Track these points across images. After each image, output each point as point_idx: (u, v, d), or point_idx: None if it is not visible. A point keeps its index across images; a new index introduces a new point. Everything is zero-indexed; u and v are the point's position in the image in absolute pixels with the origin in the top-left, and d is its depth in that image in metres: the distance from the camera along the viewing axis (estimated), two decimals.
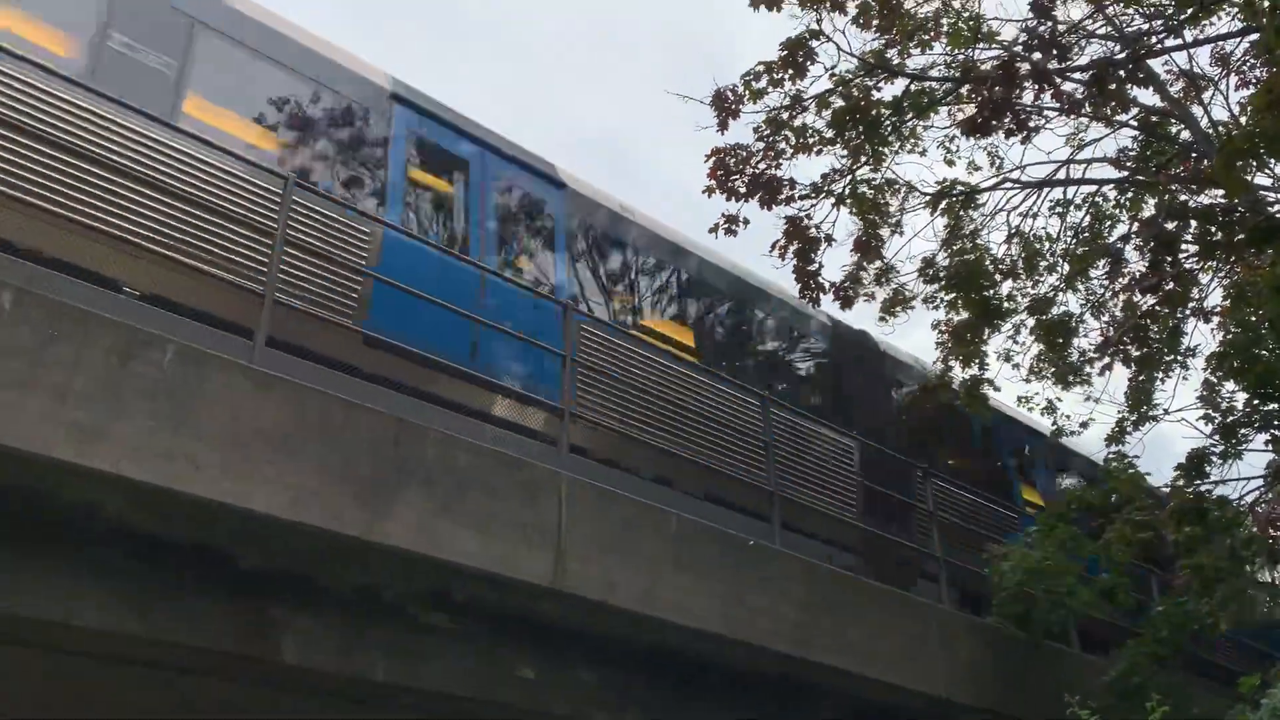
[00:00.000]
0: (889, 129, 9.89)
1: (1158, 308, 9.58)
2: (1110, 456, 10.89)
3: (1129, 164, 11.27)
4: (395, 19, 59.93)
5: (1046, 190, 11.15)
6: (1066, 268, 11.46)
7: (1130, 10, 10.01)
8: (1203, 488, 10.05)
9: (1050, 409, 12.23)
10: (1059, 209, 11.54)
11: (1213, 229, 9.04)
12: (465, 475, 5.90)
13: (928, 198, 10.60)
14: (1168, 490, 10.10)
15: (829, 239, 10.01)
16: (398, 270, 7.05)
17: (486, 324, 7.40)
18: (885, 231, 10.49)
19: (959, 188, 10.76)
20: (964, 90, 9.55)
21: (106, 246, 6.02)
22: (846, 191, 10.09)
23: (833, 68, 9.61)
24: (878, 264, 10.54)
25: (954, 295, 10.80)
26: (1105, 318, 11.52)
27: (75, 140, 6.12)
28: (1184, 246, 9.48)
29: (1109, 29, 10.35)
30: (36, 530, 4.97)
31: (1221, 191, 8.85)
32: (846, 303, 10.28)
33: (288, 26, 7.97)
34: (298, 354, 6.49)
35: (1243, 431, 10.58)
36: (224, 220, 6.55)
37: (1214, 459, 10.39)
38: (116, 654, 5.59)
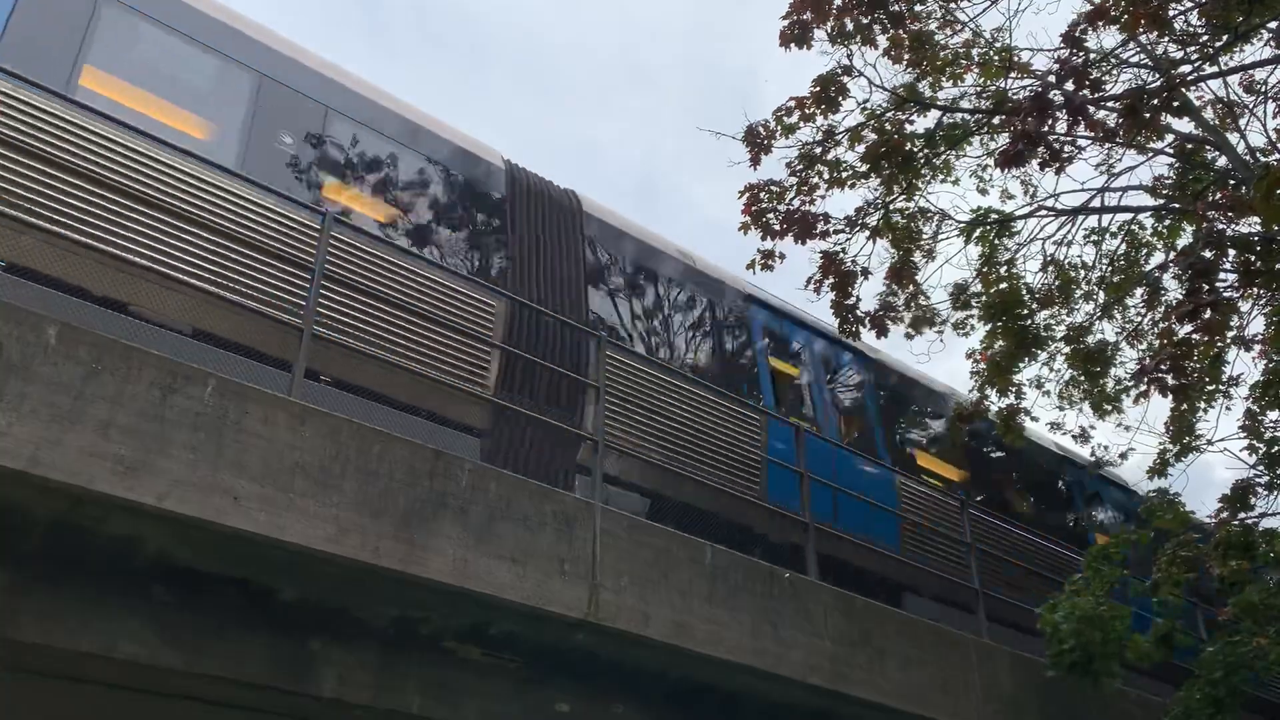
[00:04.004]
0: (922, 161, 9.91)
1: (1196, 336, 9.45)
2: (1151, 492, 10.71)
3: (1165, 191, 11.18)
4: (424, 51, 60.95)
5: (1081, 218, 11.09)
6: (1103, 296, 11.37)
7: (1164, 38, 9.98)
8: (1248, 520, 9.86)
9: (1084, 437, 12.10)
10: (1094, 237, 11.47)
11: (1252, 257, 8.94)
12: (499, 507, 5.93)
13: (962, 226, 10.58)
14: (1212, 522, 9.92)
15: (865, 272, 10.03)
16: None
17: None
18: (919, 258, 10.48)
19: (993, 216, 10.73)
20: (997, 120, 9.56)
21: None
22: (880, 223, 10.10)
23: (864, 101, 9.67)
24: (910, 289, 10.52)
25: (990, 325, 10.75)
26: (1143, 346, 11.39)
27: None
28: (1223, 275, 9.37)
29: (1142, 57, 10.32)
30: (77, 563, 5.04)
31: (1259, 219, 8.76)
32: (882, 331, 10.25)
33: None
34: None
35: None
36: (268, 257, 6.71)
37: (1259, 490, 10.21)
38: (155, 687, 5.63)
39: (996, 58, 10.12)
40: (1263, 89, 10.68)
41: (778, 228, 9.78)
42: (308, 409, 5.43)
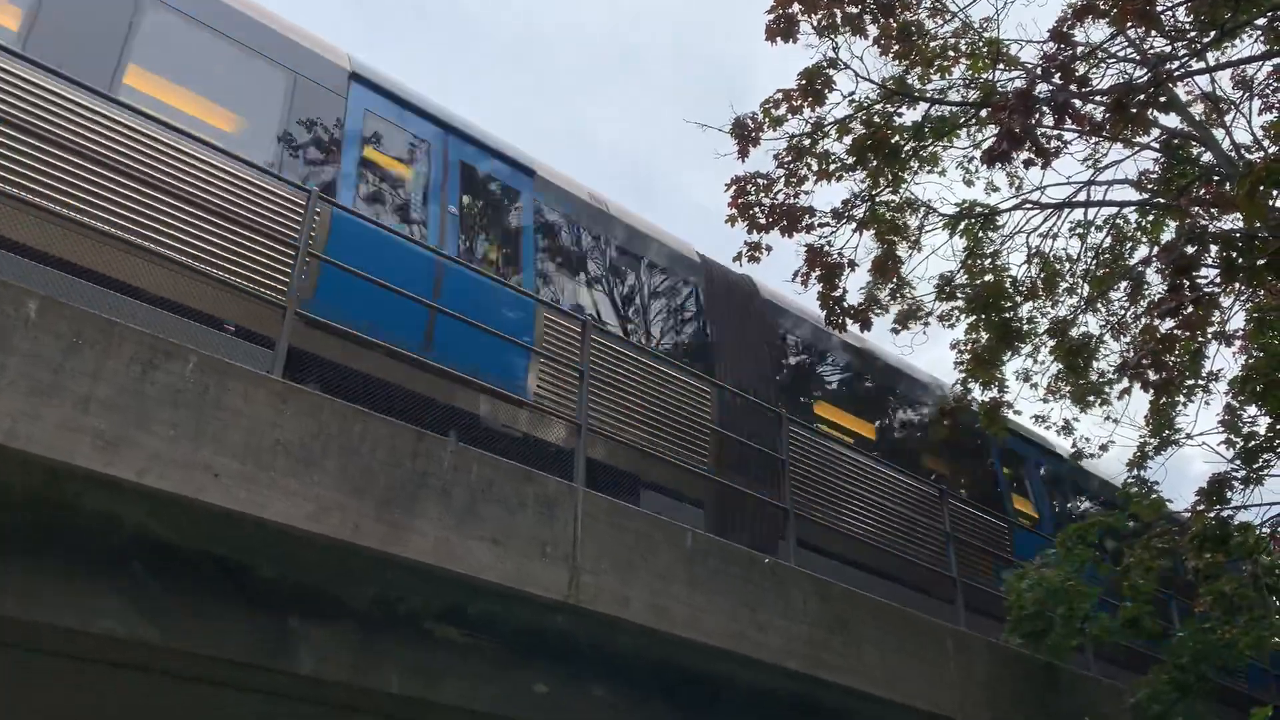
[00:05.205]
0: (909, 154, 9.95)
1: (1177, 331, 9.53)
2: (1130, 480, 10.81)
3: (1150, 186, 11.24)
4: (415, 39, 60.62)
5: (1067, 211, 11.14)
6: (1087, 289, 11.43)
7: (1152, 34, 10.01)
8: (1224, 513, 9.96)
9: (1068, 429, 12.18)
10: (1079, 230, 11.54)
11: (1234, 254, 9.00)
12: (480, 488, 5.94)
13: (947, 219, 10.62)
14: (1188, 515, 10.02)
15: (851, 264, 10.07)
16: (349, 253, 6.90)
17: (445, 312, 7.21)
18: (904, 250, 10.53)
19: (978, 209, 10.77)
20: (984, 113, 9.59)
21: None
22: (866, 216, 10.14)
23: (852, 93, 9.69)
24: (894, 282, 10.59)
25: (973, 318, 10.80)
26: (1126, 339, 11.47)
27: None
28: (1205, 270, 9.44)
29: (1130, 51, 10.36)
30: (57, 538, 5.03)
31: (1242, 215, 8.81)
32: (865, 325, 10.31)
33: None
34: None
35: (1265, 456, 10.49)
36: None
37: (1235, 484, 10.31)
38: (133, 662, 5.63)
39: (985, 49, 10.14)
40: (1252, 84, 10.73)
41: (764, 221, 9.82)
42: (290, 387, 5.43)
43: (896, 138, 9.69)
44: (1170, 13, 9.31)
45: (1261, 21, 9.22)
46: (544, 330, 8.48)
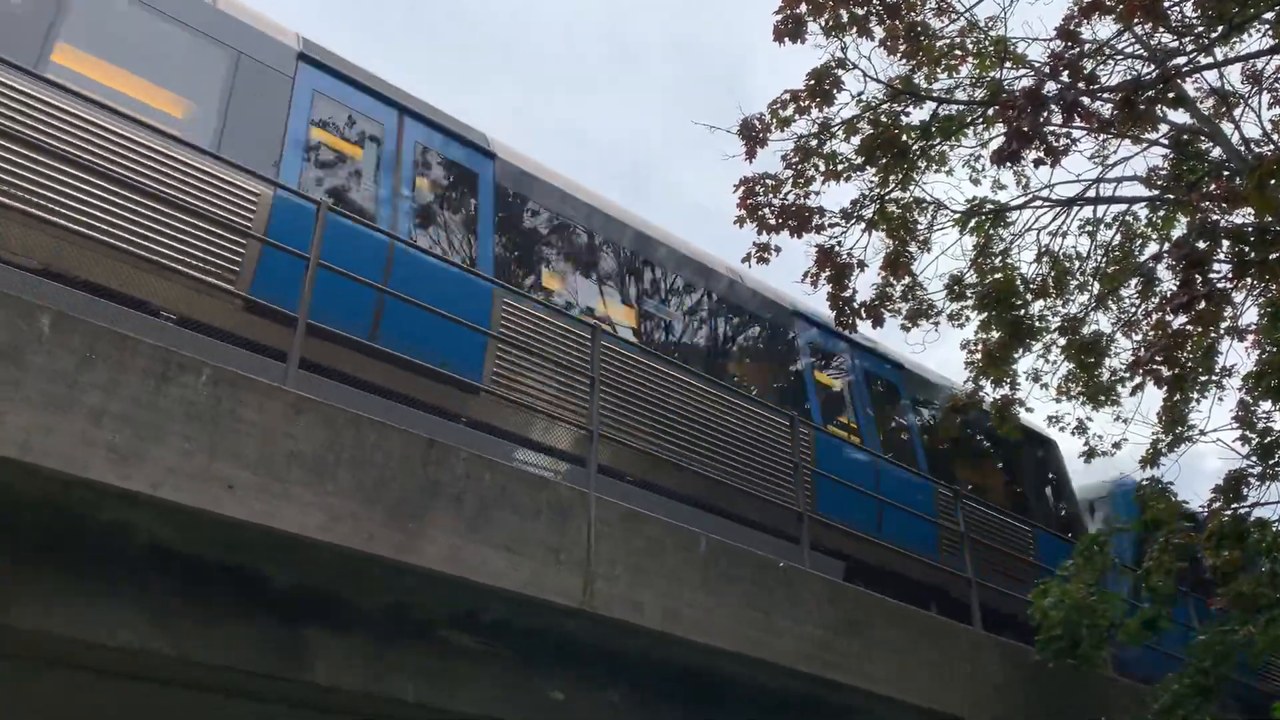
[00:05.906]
0: (917, 154, 9.92)
1: (1189, 327, 9.48)
2: (1144, 481, 10.75)
3: (1160, 182, 11.18)
4: (410, 36, 60.75)
5: (1076, 208, 11.09)
6: (1097, 287, 11.38)
7: (1159, 30, 9.97)
8: (1240, 510, 9.89)
9: (1081, 429, 12.12)
10: (1089, 227, 11.48)
11: (1246, 248, 8.96)
12: (493, 496, 5.95)
13: (957, 216, 10.59)
14: (1204, 512, 9.95)
15: (861, 265, 10.05)
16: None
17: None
18: (914, 248, 10.49)
19: (988, 206, 10.74)
20: (991, 111, 9.57)
21: None
22: (876, 215, 10.11)
23: (860, 93, 9.67)
24: (906, 280, 10.55)
25: (985, 315, 10.77)
26: (1137, 337, 11.41)
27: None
28: (1217, 265, 9.39)
29: (1138, 47, 10.31)
30: (71, 550, 5.06)
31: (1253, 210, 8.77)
32: (878, 321, 10.28)
33: None
34: None
35: None
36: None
37: (1252, 480, 10.24)
38: (148, 674, 5.66)
39: (992, 48, 10.12)
40: (1261, 79, 10.68)
41: (773, 222, 9.80)
42: (303, 398, 5.44)
43: (904, 137, 9.68)
44: (1177, 8, 9.27)
45: (1270, 16, 9.19)
46: None
